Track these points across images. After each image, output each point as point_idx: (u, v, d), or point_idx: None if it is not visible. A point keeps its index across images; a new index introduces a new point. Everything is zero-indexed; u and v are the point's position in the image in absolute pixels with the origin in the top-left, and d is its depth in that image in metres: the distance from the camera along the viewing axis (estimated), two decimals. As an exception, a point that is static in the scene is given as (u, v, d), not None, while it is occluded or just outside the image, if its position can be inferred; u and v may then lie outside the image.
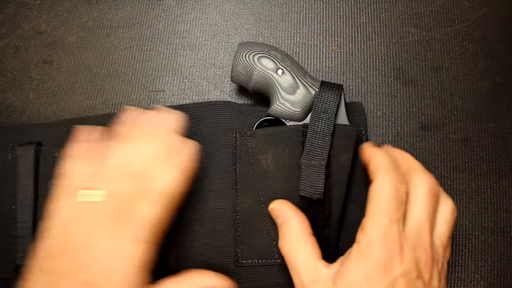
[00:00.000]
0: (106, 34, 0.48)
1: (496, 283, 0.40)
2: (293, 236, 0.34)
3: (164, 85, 0.46)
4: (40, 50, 0.48)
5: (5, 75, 0.47)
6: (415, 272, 0.30)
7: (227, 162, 0.40)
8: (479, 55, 0.46)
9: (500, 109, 0.44)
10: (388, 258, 0.29)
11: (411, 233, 0.31)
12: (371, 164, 0.34)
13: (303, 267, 0.32)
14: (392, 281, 0.29)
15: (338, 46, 0.47)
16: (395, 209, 0.31)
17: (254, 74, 0.40)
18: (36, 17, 0.49)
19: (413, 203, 0.32)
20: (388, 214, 0.30)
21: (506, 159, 0.43)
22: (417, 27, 0.47)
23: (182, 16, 0.49)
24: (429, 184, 0.32)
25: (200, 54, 0.47)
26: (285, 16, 0.48)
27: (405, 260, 0.29)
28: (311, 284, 0.31)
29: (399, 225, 0.30)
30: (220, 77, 0.46)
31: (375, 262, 0.29)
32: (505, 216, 0.42)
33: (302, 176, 0.36)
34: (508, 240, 0.41)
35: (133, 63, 0.47)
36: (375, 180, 0.32)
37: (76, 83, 0.47)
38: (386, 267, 0.29)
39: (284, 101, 0.39)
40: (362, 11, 0.48)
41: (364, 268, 0.29)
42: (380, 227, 0.30)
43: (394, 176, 0.32)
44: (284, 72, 0.39)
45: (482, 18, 0.47)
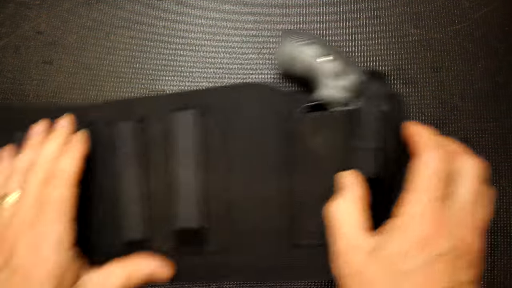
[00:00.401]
0: (106, 34, 0.48)
1: (496, 283, 0.40)
2: (349, 200, 0.33)
3: (164, 85, 0.46)
4: (40, 50, 0.48)
5: (5, 75, 0.47)
6: (456, 251, 0.29)
7: (277, 145, 0.40)
8: (479, 55, 0.46)
9: (500, 109, 0.44)
10: (428, 234, 0.29)
11: (455, 214, 0.30)
12: (417, 140, 0.33)
13: (345, 233, 0.32)
14: (432, 258, 0.28)
15: (338, 46, 0.47)
16: (439, 187, 0.30)
17: (299, 60, 0.40)
18: (36, 17, 0.49)
19: (460, 184, 0.31)
20: (431, 191, 0.30)
21: (506, 159, 0.43)
22: (417, 27, 0.47)
23: (182, 16, 0.49)
24: (478, 167, 0.32)
25: (200, 54, 0.47)
26: (285, 16, 0.48)
27: (445, 239, 0.29)
28: (346, 250, 0.31)
29: (442, 204, 0.30)
30: (220, 77, 0.46)
31: (415, 236, 0.29)
32: (505, 216, 0.42)
33: (354, 158, 0.37)
34: (508, 240, 0.41)
35: (133, 63, 0.47)
36: (421, 156, 0.32)
37: (76, 83, 0.47)
38: (426, 243, 0.28)
39: (331, 86, 0.40)
40: (362, 11, 0.48)
41: (404, 241, 0.29)
42: (422, 203, 0.30)
43: (442, 154, 0.32)
44: (330, 59, 0.40)
45: (482, 18, 0.47)
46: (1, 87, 0.47)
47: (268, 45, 0.47)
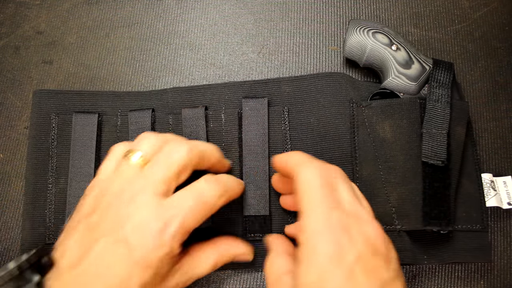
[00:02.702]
0: (106, 34, 0.48)
1: (496, 283, 0.40)
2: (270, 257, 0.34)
3: (164, 85, 0.46)
4: (40, 50, 0.48)
5: (5, 75, 0.47)
6: (369, 249, 0.28)
7: (345, 132, 0.41)
8: (479, 55, 0.46)
9: (500, 109, 0.44)
10: (337, 247, 0.27)
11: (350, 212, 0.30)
12: (288, 164, 0.33)
13: (270, 278, 0.32)
14: (349, 270, 0.26)
15: (338, 46, 0.47)
16: (328, 195, 0.29)
17: (368, 49, 0.41)
18: (36, 17, 0.49)
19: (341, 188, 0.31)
20: (323, 202, 0.29)
21: (506, 159, 0.43)
22: (417, 27, 0.47)
23: (182, 16, 0.49)
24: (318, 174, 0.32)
25: (200, 54, 0.47)
26: (285, 16, 0.48)
27: (355, 242, 0.28)
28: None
29: (338, 209, 0.29)
30: (220, 77, 0.46)
31: (324, 257, 0.27)
32: (505, 216, 0.42)
33: (424, 144, 0.38)
34: (508, 240, 0.41)
35: (133, 63, 0.47)
36: (298, 175, 0.31)
37: (76, 82, 0.47)
38: (338, 258, 0.27)
39: (399, 74, 0.41)
40: (362, 11, 0.48)
41: (315, 268, 0.27)
42: (318, 219, 0.28)
43: (316, 164, 0.31)
44: (398, 48, 0.41)
45: (482, 18, 0.47)
46: (1, 87, 0.47)
47: (268, 45, 0.47)
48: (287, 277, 0.30)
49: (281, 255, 0.33)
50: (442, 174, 0.38)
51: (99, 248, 0.30)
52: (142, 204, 0.31)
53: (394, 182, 0.39)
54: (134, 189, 0.32)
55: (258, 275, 0.41)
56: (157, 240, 0.30)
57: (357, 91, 0.43)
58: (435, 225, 0.37)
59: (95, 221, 0.31)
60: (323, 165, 0.32)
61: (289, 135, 0.42)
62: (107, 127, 0.43)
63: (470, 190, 0.39)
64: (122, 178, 0.33)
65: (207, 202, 0.32)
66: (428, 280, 0.40)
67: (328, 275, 0.26)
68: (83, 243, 0.31)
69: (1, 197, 0.44)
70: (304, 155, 0.34)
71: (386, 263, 0.28)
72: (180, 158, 0.32)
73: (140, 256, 0.29)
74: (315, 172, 0.30)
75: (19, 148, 0.45)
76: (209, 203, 0.32)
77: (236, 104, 0.43)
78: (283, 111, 0.42)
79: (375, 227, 0.30)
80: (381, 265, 0.28)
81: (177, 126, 0.42)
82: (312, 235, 0.28)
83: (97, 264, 0.29)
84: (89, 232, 0.31)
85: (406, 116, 0.40)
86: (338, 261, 0.27)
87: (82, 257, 0.30)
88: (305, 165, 0.31)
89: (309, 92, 0.43)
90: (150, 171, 0.32)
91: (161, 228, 0.30)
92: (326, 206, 0.29)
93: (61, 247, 0.31)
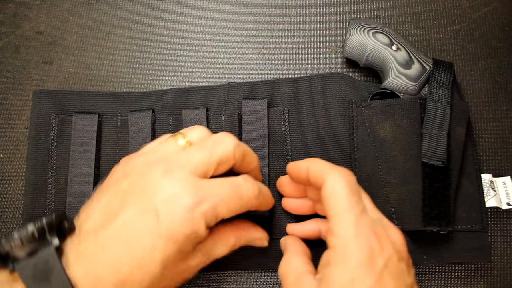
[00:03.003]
0: (106, 34, 0.48)
1: (496, 283, 0.40)
2: (286, 257, 0.34)
3: (164, 85, 0.46)
4: (40, 50, 0.48)
5: (5, 75, 0.47)
6: (396, 255, 0.29)
7: (344, 132, 0.41)
8: (479, 55, 0.46)
9: (500, 109, 0.44)
10: (370, 252, 0.28)
11: (375, 218, 0.31)
12: (310, 171, 0.34)
13: (289, 279, 0.32)
14: (379, 274, 0.28)
15: (338, 46, 0.47)
16: (357, 202, 0.31)
17: (368, 49, 0.41)
18: (36, 17, 0.49)
19: None
20: (352, 209, 0.30)
21: (506, 159, 0.43)
22: (417, 27, 0.47)
23: (182, 16, 0.49)
24: None
25: (200, 54, 0.47)
26: (285, 16, 0.48)
27: (384, 247, 0.29)
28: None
29: (366, 216, 0.30)
30: (220, 77, 0.46)
31: (357, 260, 0.28)
32: (505, 215, 0.42)
33: (424, 144, 0.38)
34: (508, 240, 0.41)
35: (133, 63, 0.47)
36: (325, 183, 0.32)
37: (76, 82, 0.47)
38: (370, 262, 0.28)
39: (400, 74, 0.41)
40: (362, 11, 0.48)
41: (347, 270, 0.28)
42: (350, 225, 0.30)
43: (342, 172, 0.32)
44: (399, 48, 0.41)
45: (482, 18, 0.47)
46: (1, 87, 0.47)
47: (268, 45, 0.47)
48: (309, 276, 0.31)
49: (298, 255, 0.34)
50: (442, 174, 0.38)
51: (126, 216, 0.29)
52: (177, 178, 0.30)
53: (393, 183, 0.39)
54: (171, 163, 0.31)
55: (258, 275, 0.41)
56: (187, 217, 0.29)
57: (357, 91, 0.43)
58: (435, 226, 0.37)
59: (125, 188, 0.30)
60: (347, 172, 0.32)
61: (289, 136, 0.42)
62: (107, 128, 0.43)
63: (470, 190, 0.39)
64: (162, 152, 0.32)
65: (242, 197, 0.32)
66: (428, 280, 0.40)
67: (360, 278, 0.28)
68: (109, 208, 0.30)
69: (1, 197, 0.44)
70: (326, 162, 0.34)
71: (408, 268, 0.30)
72: (225, 149, 0.32)
73: (167, 230, 0.28)
74: (342, 180, 0.31)
75: (19, 148, 0.45)
76: (243, 198, 0.32)
77: (236, 106, 0.43)
78: (283, 112, 0.42)
79: (398, 233, 0.31)
80: (404, 270, 0.30)
81: (177, 126, 0.42)
82: (345, 239, 0.29)
83: (122, 231, 0.29)
84: (117, 198, 0.30)
85: (406, 116, 0.40)
86: (370, 265, 0.28)
87: (107, 223, 0.29)
88: (331, 172, 0.32)
89: (309, 93, 0.43)
90: (193, 152, 0.32)
91: (193, 205, 0.29)
92: (355, 212, 0.30)
93: (85, 212, 0.31)
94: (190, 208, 0.29)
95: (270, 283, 0.40)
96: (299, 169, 0.35)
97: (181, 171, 0.30)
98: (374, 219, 0.31)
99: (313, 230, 0.37)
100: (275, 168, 0.41)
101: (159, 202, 0.29)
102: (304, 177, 0.34)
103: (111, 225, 0.29)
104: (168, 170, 0.30)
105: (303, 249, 0.35)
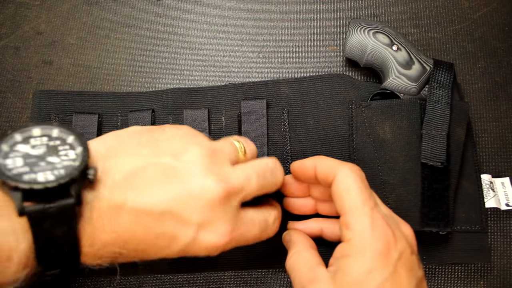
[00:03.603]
0: (106, 35, 0.48)
1: (496, 283, 0.40)
2: (293, 251, 0.35)
3: (164, 85, 0.46)
4: (40, 51, 0.48)
5: (5, 75, 0.47)
6: (409, 248, 0.30)
7: (343, 133, 0.41)
8: (479, 55, 0.46)
9: (500, 109, 0.44)
10: (385, 244, 0.29)
11: (386, 213, 0.32)
12: (319, 168, 0.34)
13: (302, 271, 0.32)
14: (394, 265, 0.29)
15: (338, 46, 0.47)
16: (369, 196, 0.31)
17: (368, 49, 0.41)
18: (36, 18, 0.49)
19: None
20: (366, 202, 0.31)
21: (506, 159, 0.43)
22: (417, 27, 0.47)
23: (182, 16, 0.49)
24: None
25: (200, 54, 0.47)
26: (285, 16, 0.48)
27: (398, 240, 0.30)
28: (310, 284, 0.31)
29: (379, 209, 0.31)
30: (220, 77, 0.46)
31: (374, 252, 0.29)
32: (505, 216, 0.42)
33: (423, 145, 0.38)
34: (508, 240, 0.41)
35: (133, 63, 0.47)
36: (336, 178, 0.32)
37: (76, 83, 0.47)
38: (386, 254, 0.29)
39: (400, 75, 0.41)
40: (362, 11, 0.48)
41: (364, 262, 0.29)
42: (365, 218, 0.30)
43: (352, 167, 0.32)
44: (399, 48, 0.41)
45: (482, 18, 0.47)
46: (1, 87, 0.47)
47: (268, 45, 0.47)
48: (322, 268, 0.32)
49: (308, 249, 0.34)
50: (441, 175, 0.38)
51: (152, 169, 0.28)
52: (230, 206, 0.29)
53: (393, 183, 0.39)
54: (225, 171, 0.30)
55: (258, 275, 0.41)
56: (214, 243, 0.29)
57: (357, 92, 0.43)
58: (433, 226, 0.37)
59: (153, 139, 0.30)
60: (356, 167, 0.33)
61: (289, 136, 0.42)
62: (107, 128, 0.43)
63: (469, 191, 0.39)
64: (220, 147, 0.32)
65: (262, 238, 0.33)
66: (428, 280, 0.40)
67: (377, 269, 0.29)
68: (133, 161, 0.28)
69: (2, 197, 0.44)
70: (333, 159, 0.34)
71: (418, 262, 0.31)
72: (273, 185, 0.33)
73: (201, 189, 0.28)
74: (353, 175, 0.32)
75: (19, 148, 0.45)
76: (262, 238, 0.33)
77: (236, 106, 0.43)
78: (283, 112, 0.42)
79: (408, 227, 0.32)
80: (416, 263, 0.30)
81: None
82: (361, 232, 0.30)
83: (147, 183, 0.28)
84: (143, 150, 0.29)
85: (406, 117, 0.40)
86: (386, 257, 0.29)
87: (131, 176, 0.28)
88: (341, 168, 0.32)
89: (309, 94, 0.43)
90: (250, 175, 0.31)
91: (225, 234, 0.29)
92: (370, 205, 0.31)
93: (108, 163, 0.28)
94: (221, 237, 0.29)
95: (270, 283, 0.41)
96: (305, 167, 0.35)
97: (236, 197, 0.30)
98: (386, 213, 0.32)
99: (315, 229, 0.37)
100: None
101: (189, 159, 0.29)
102: (311, 175, 0.35)
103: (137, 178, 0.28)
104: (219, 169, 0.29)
105: (310, 243, 0.36)
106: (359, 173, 0.32)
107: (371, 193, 0.32)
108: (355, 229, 0.30)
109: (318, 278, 0.31)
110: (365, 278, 0.29)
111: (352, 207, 0.31)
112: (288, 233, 0.38)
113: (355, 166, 0.33)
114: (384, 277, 0.28)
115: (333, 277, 0.30)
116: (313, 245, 0.36)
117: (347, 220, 0.31)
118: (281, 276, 0.41)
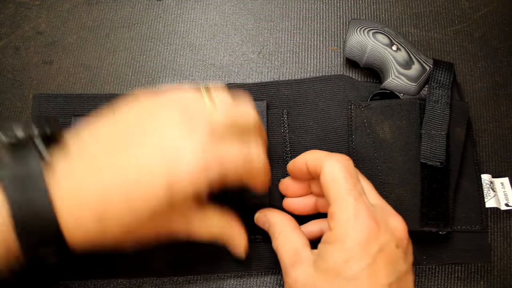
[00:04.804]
0: (106, 34, 0.48)
1: (496, 283, 0.40)
2: (278, 232, 0.35)
3: (164, 85, 0.46)
4: (40, 50, 0.48)
5: (5, 75, 0.47)
6: (394, 241, 0.30)
7: (343, 134, 0.42)
8: (479, 55, 0.46)
9: (500, 109, 0.44)
10: (366, 235, 0.29)
11: (376, 204, 0.32)
12: (308, 161, 0.34)
13: (286, 252, 0.33)
14: (373, 257, 0.29)
15: (338, 46, 0.47)
16: (354, 186, 0.31)
17: (368, 49, 0.42)
18: (36, 18, 0.49)
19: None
20: (350, 193, 0.30)
21: (506, 159, 0.43)
22: (417, 27, 0.47)
23: (182, 16, 0.49)
24: None
25: (200, 54, 0.47)
26: (285, 16, 0.48)
27: (381, 233, 0.30)
28: (292, 266, 0.32)
29: (364, 200, 0.31)
30: (220, 77, 0.46)
31: (353, 242, 0.29)
32: (505, 216, 0.42)
33: (423, 145, 0.38)
34: (508, 240, 0.41)
35: (133, 63, 0.47)
36: (322, 169, 0.32)
37: (76, 83, 0.47)
38: (366, 245, 0.29)
39: (400, 75, 0.41)
40: (362, 11, 0.48)
41: (343, 250, 0.29)
42: (349, 208, 0.30)
43: (338, 157, 0.32)
44: (399, 48, 0.41)
45: (482, 18, 0.47)
46: (1, 87, 0.47)
47: (268, 45, 0.47)
48: (306, 249, 0.32)
49: (294, 230, 0.34)
50: (441, 175, 0.38)
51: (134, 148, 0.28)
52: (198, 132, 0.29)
53: (392, 183, 0.39)
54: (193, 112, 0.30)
55: (258, 276, 0.41)
56: (194, 176, 0.28)
57: (356, 92, 0.43)
58: (433, 226, 0.37)
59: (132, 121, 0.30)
60: (343, 157, 0.33)
61: (288, 138, 0.42)
62: None
63: (469, 191, 0.39)
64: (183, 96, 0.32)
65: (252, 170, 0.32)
66: (428, 280, 0.40)
67: (355, 258, 0.29)
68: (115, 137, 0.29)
69: (2, 197, 0.44)
70: (322, 151, 0.34)
71: (404, 255, 0.31)
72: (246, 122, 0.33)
73: (169, 178, 0.27)
74: (339, 165, 0.32)
75: (19, 148, 0.45)
76: (252, 172, 0.32)
77: None
78: (282, 114, 0.42)
79: (399, 220, 0.32)
80: (400, 257, 0.30)
81: None
82: (344, 221, 0.30)
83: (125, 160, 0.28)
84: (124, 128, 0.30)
85: (405, 117, 0.40)
86: (365, 248, 0.29)
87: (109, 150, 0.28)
88: (328, 159, 0.32)
89: (308, 95, 0.43)
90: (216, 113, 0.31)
91: (204, 167, 0.28)
92: (354, 195, 0.30)
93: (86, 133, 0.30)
94: (200, 170, 0.28)
95: (270, 284, 0.40)
96: (298, 164, 0.35)
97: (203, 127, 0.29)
98: (373, 204, 0.32)
99: (315, 232, 0.37)
100: (274, 170, 0.41)
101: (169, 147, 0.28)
102: (304, 170, 0.35)
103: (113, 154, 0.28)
104: (189, 118, 0.29)
105: (294, 223, 0.36)
106: (346, 163, 0.32)
107: (356, 181, 0.32)
108: (337, 218, 0.30)
109: (301, 260, 0.31)
110: (342, 266, 0.29)
111: (337, 197, 0.31)
112: (264, 214, 0.37)
113: (343, 156, 0.33)
114: (360, 267, 0.28)
115: (315, 261, 0.31)
116: (297, 225, 0.36)
117: (332, 210, 0.31)
118: (280, 277, 0.41)
